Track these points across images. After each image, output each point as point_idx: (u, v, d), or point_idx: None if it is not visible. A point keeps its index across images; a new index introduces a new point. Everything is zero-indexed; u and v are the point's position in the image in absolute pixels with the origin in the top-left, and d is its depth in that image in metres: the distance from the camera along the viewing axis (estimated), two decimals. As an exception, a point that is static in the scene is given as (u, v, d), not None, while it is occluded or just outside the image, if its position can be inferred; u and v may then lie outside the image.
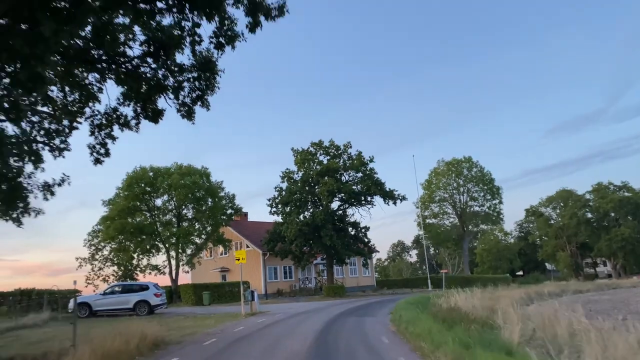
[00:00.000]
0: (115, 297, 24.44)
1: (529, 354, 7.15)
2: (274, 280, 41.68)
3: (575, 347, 7.86)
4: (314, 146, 37.74)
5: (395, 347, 9.59)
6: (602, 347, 7.17)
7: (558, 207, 74.80)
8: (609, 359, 6.82)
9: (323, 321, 15.36)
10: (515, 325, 9.47)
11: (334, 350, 9.56)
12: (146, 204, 38.08)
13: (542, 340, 8.88)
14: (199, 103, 14.24)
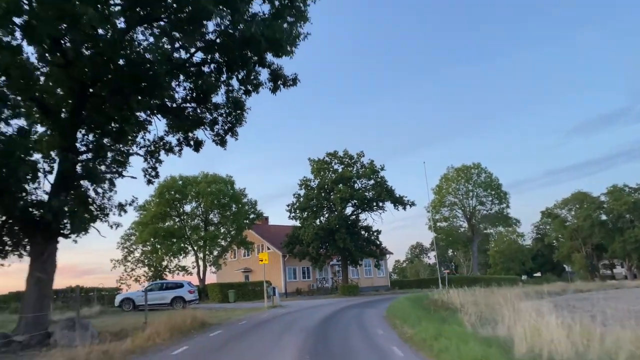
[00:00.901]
0: (154, 294, 28.54)
1: (462, 320, 10.76)
2: (293, 280, 45.55)
3: (498, 322, 11.41)
4: (329, 156, 41.53)
5: (379, 324, 13.30)
6: (513, 320, 10.72)
7: (573, 209, 76.89)
8: (510, 325, 10.35)
9: (332, 310, 19.15)
10: (468, 310, 13.05)
11: (334, 326, 13.32)
12: (176, 210, 42.44)
13: (484, 320, 12.45)
14: (229, 134, 18.20)
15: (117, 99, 13.09)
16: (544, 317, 10.98)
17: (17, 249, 14.39)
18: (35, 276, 13.28)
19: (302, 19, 14.48)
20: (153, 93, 13.36)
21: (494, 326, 10.83)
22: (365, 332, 11.62)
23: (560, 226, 76.68)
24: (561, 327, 8.99)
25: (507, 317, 10.78)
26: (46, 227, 13.21)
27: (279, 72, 14.57)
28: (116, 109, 13.49)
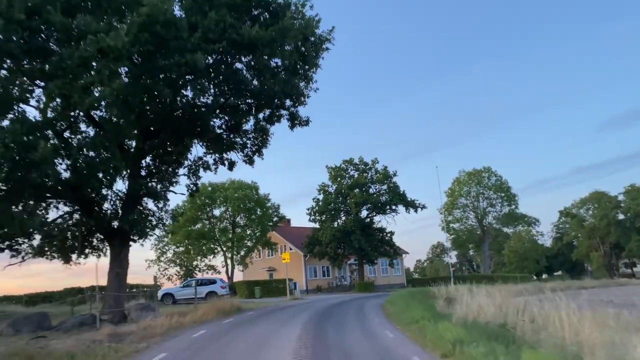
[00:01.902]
0: (191, 289, 33.34)
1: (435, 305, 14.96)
2: (313, 278, 50.03)
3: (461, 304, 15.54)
4: (345, 163, 45.87)
5: (374, 310, 17.62)
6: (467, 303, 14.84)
7: (591, 209, 79.32)
8: (470, 305, 14.47)
9: (341, 301, 23.62)
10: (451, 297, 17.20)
11: (339, 309, 17.78)
12: (206, 214, 47.40)
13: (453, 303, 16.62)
14: (257, 154, 22.75)
15: (174, 139, 17.80)
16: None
17: (99, 251, 19.28)
18: (115, 271, 18.09)
19: (314, 67, 19.10)
20: (203, 132, 18.05)
21: (455, 307, 15.00)
22: (359, 311, 15.87)
23: (578, 225, 79.24)
24: (497, 307, 13.10)
25: (465, 301, 14.94)
26: (122, 234, 18.03)
27: (296, 114, 19.10)
28: (174, 145, 18.21)
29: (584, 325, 8.63)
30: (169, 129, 17.62)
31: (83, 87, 13.24)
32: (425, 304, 16.04)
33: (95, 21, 14.00)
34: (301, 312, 17.41)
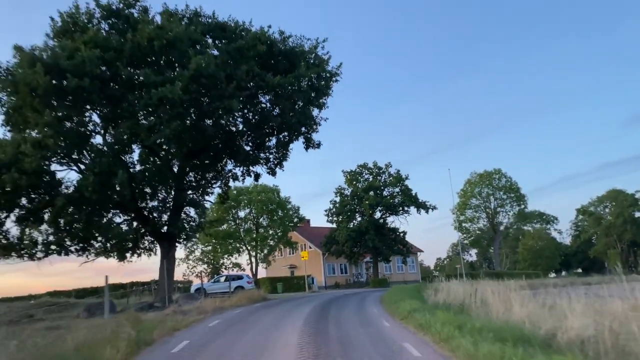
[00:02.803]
0: (220, 284, 38.14)
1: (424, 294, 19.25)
2: (332, 275, 54.54)
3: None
4: (360, 167, 50.18)
5: (373, 299, 22.01)
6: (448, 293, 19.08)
7: (609, 206, 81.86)
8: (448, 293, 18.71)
9: (351, 292, 28.15)
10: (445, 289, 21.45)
11: (346, 298, 22.26)
12: (232, 216, 52.31)
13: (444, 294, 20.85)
14: (278, 166, 27.27)
15: (212, 159, 22.54)
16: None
17: (149, 251, 24.18)
18: (165, 267, 22.92)
19: (325, 96, 23.71)
20: (235, 153, 22.75)
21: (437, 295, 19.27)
22: (361, 299, 20.25)
23: (595, 223, 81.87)
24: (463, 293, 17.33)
25: (445, 290, 19.18)
26: (171, 238, 22.86)
27: (310, 138, 23.63)
28: (211, 164, 22.97)
29: (511, 304, 12.89)
30: (208, 152, 22.37)
31: (148, 128, 18.02)
32: (416, 294, 20.33)
33: (153, 74, 18.80)
34: (314, 300, 21.96)
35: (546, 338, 8.97)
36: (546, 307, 11.97)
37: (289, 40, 21.90)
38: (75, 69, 17.58)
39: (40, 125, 17.41)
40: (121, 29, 21.13)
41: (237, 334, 11.41)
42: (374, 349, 8.75)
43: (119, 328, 10.83)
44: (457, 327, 9.00)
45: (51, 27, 21.64)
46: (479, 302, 14.94)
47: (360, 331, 11.04)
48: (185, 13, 23.44)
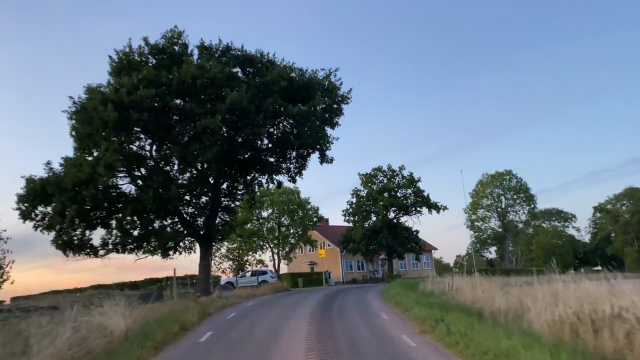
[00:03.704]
0: (247, 278, 43.38)
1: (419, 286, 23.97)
2: (349, 272, 59.40)
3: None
4: (375, 170, 54.78)
5: (376, 291, 26.77)
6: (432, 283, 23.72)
7: (627, 204, 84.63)
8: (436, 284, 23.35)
9: (361, 286, 32.90)
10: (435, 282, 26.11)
11: (354, 290, 27.15)
12: (256, 216, 57.51)
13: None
14: (298, 175, 32.10)
15: (242, 171, 27.59)
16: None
17: (190, 249, 29.38)
18: (204, 263, 28.07)
19: (338, 116, 28.54)
20: (262, 166, 27.74)
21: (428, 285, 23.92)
22: (366, 291, 25.04)
23: (612, 221, 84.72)
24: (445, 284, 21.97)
25: (437, 283, 23.80)
26: (209, 238, 27.98)
27: (324, 154, 28.43)
28: (241, 175, 28.03)
29: (474, 291, 17.52)
30: (238, 165, 27.44)
31: (193, 151, 23.11)
32: (413, 286, 24.99)
33: (197, 106, 23.88)
34: (327, 290, 26.88)
35: (478, 311, 13.66)
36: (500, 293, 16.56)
37: (306, 74, 26.80)
38: (135, 105, 22.75)
39: (109, 150, 22.60)
40: (167, 64, 26.27)
41: (268, 309, 16.44)
42: (360, 315, 13.65)
43: (186, 305, 15.90)
44: (415, 302, 13.76)
45: (110, 64, 26.94)
46: (455, 290, 19.60)
47: (354, 307, 15.97)
48: (218, 47, 28.56)
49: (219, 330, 12.37)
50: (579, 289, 13.46)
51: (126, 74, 25.93)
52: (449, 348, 9.12)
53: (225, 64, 26.79)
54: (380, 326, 12.03)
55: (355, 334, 11.06)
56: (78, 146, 24.93)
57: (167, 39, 27.25)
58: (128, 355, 9.21)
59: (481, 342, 8.50)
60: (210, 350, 10.02)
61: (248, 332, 11.93)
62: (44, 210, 25.36)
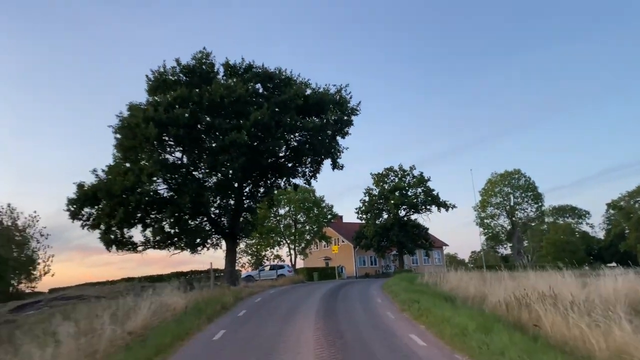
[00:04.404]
0: (266, 272, 47.83)
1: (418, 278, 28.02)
2: (363, 266, 63.50)
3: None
4: (386, 170, 58.69)
5: (377, 283, 30.89)
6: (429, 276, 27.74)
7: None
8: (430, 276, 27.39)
9: (368, 280, 37.05)
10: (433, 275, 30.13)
11: (360, 282, 31.34)
12: (273, 213, 61.91)
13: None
14: (313, 178, 36.26)
15: (264, 176, 31.88)
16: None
17: (217, 245, 33.83)
18: (229, 258, 32.48)
19: (348, 126, 32.64)
20: (281, 171, 31.98)
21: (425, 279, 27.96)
22: (370, 284, 29.19)
23: (625, 217, 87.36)
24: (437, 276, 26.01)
25: (433, 276, 27.80)
26: (233, 235, 32.37)
27: (336, 162, 32.54)
28: (263, 180, 32.33)
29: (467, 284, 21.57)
30: (260, 172, 31.75)
31: (222, 162, 27.42)
32: (412, 278, 29.03)
33: (225, 122, 28.15)
34: (338, 282, 31.17)
35: (451, 296, 17.74)
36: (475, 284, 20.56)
37: (319, 91, 30.92)
38: (172, 122, 27.08)
39: (151, 162, 27.02)
40: (197, 83, 30.54)
41: (288, 295, 20.77)
42: (359, 299, 17.85)
43: (222, 292, 20.27)
44: (404, 290, 17.88)
45: (147, 83, 31.40)
46: (445, 282, 23.64)
47: (357, 294, 20.22)
48: (241, 65, 32.76)
49: (251, 309, 16.70)
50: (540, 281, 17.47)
51: (162, 92, 30.44)
52: (416, 319, 13.27)
53: (248, 80, 31.08)
54: (373, 306, 16.22)
55: (353, 311, 15.29)
56: (122, 156, 29.39)
57: (196, 59, 31.54)
58: (190, 323, 13.51)
59: (436, 314, 12.65)
60: (246, 321, 14.33)
61: (273, 309, 16.24)
62: (89, 211, 29.99)
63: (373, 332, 11.59)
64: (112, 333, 11.53)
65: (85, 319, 12.84)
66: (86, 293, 34.71)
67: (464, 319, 11.16)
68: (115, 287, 43.28)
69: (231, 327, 13.36)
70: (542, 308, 11.34)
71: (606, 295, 13.72)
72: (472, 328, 10.19)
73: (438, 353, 9.26)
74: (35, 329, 14.44)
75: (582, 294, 13.63)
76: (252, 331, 12.44)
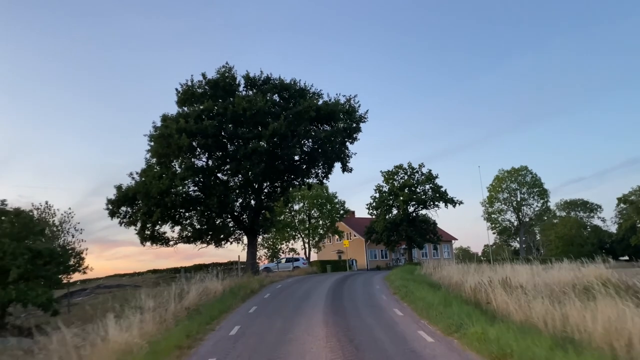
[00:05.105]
0: (283, 264, 52.52)
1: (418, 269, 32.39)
2: (374, 260, 67.95)
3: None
4: (396, 168, 62.84)
5: (381, 274, 35.30)
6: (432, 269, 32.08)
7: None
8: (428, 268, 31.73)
9: (376, 271, 41.53)
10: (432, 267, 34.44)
11: (367, 273, 35.80)
12: (288, 209, 66.53)
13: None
14: (325, 178, 40.78)
15: (280, 179, 36.46)
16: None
17: (239, 239, 38.50)
18: (251, 251, 37.16)
19: (356, 133, 37.02)
20: (296, 173, 36.51)
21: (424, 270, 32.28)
22: (374, 274, 33.66)
23: (635, 212, 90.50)
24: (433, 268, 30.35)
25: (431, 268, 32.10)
26: (254, 231, 37.02)
27: (345, 165, 36.92)
28: (279, 181, 36.91)
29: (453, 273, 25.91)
30: (277, 174, 36.32)
31: (245, 167, 31.98)
32: (413, 269, 33.36)
33: (246, 131, 32.71)
34: (348, 273, 35.72)
35: (437, 283, 22.07)
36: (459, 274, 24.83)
37: (331, 103, 35.31)
38: (201, 132, 31.67)
39: (183, 167, 31.73)
40: (221, 95, 35.05)
41: (303, 283, 25.33)
42: (362, 286, 22.34)
43: (249, 280, 24.90)
44: (400, 278, 22.26)
45: (176, 95, 36.01)
46: (437, 272, 27.93)
47: (361, 282, 24.68)
48: (260, 77, 37.16)
49: (274, 292, 21.32)
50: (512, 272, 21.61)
51: (190, 104, 35.08)
52: (402, 299, 17.71)
53: (267, 91, 35.60)
54: (371, 291, 20.72)
55: (355, 294, 19.81)
56: (156, 162, 34.10)
57: (220, 74, 36.03)
58: (229, 301, 18.08)
59: (416, 295, 17.07)
60: (272, 300, 18.93)
61: (292, 292, 20.84)
62: (126, 210, 34.82)
63: (367, 308, 16.06)
64: (175, 307, 16.12)
65: (150, 299, 17.47)
66: (121, 283, 39.83)
67: (433, 297, 15.57)
68: (145, 277, 48.47)
69: (260, 304, 17.97)
70: (491, 290, 15.64)
71: (550, 281, 18.02)
72: (436, 303, 14.58)
73: (409, 319, 13.68)
74: (107, 307, 19.26)
75: (533, 281, 17.96)
76: (277, 306, 17.04)
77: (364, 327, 12.42)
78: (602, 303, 10.63)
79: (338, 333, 11.58)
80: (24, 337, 19.29)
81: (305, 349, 9.95)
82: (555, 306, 12.02)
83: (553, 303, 12.41)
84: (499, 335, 9.60)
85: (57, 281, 20.55)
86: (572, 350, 8.13)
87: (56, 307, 18.97)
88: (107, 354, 10.01)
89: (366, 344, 10.25)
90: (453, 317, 12.56)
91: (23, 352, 13.78)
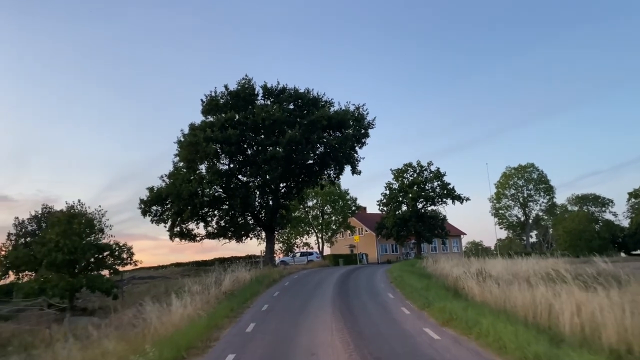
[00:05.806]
0: (298, 258, 57.36)
1: (420, 263, 36.98)
2: (384, 254, 72.58)
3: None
4: (405, 166, 67.24)
5: (385, 267, 39.92)
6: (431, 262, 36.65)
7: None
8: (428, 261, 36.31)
9: (384, 265, 46.30)
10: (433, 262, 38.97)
11: (374, 266, 40.52)
12: (302, 205, 71.36)
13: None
14: (336, 179, 45.59)
15: (295, 180, 41.27)
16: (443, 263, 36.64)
17: (259, 235, 43.41)
18: (269, 246, 42.12)
19: (364, 138, 41.68)
20: (310, 175, 41.31)
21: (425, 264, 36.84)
22: (379, 267, 38.42)
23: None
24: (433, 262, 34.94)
25: (427, 260, 36.68)
26: (271, 227, 41.94)
27: (355, 168, 41.57)
28: (295, 182, 41.74)
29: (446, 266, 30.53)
30: (294, 176, 41.12)
31: (264, 171, 36.79)
32: (414, 262, 37.90)
33: (265, 139, 37.53)
34: (357, 266, 40.50)
35: (430, 274, 26.71)
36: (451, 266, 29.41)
37: (341, 111, 39.92)
38: (226, 140, 36.50)
39: (210, 172, 36.66)
40: (242, 105, 39.83)
41: (317, 274, 30.18)
42: (366, 277, 27.15)
43: (270, 271, 29.76)
44: (399, 270, 26.90)
45: (201, 105, 40.88)
46: (433, 265, 32.45)
47: (366, 274, 29.42)
48: (276, 87, 41.86)
49: (292, 281, 26.20)
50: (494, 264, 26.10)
51: (214, 113, 39.95)
52: (397, 288, 22.38)
53: (283, 100, 40.33)
54: (373, 281, 25.50)
55: (359, 283, 24.59)
56: (185, 166, 39.08)
57: (240, 85, 40.80)
58: (257, 287, 22.94)
59: (408, 283, 21.76)
60: (291, 286, 23.83)
61: (307, 281, 25.72)
62: (156, 209, 39.89)
63: (367, 293, 20.79)
64: (215, 291, 21.00)
65: (195, 284, 22.39)
66: (152, 275, 45.03)
67: (419, 284, 20.22)
68: (171, 270, 53.74)
69: (282, 290, 22.86)
70: (466, 279, 20.25)
71: (522, 272, 22.54)
72: (419, 288, 19.24)
73: (397, 300, 18.37)
74: (155, 293, 24.32)
75: (505, 272, 22.53)
76: (296, 291, 21.91)
77: (361, 305, 17.17)
78: (539, 288, 15.19)
79: (342, 307, 16.35)
80: (90, 316, 24.44)
81: (317, 320, 14.69)
82: (504, 289, 16.59)
83: (504, 287, 16.98)
84: (452, 308, 14.23)
85: (115, 272, 25.53)
86: (505, 318, 12.53)
87: (116, 292, 23.88)
88: (180, 318, 14.85)
89: (362, 316, 14.99)
90: (428, 297, 17.20)
91: (94, 327, 18.70)
